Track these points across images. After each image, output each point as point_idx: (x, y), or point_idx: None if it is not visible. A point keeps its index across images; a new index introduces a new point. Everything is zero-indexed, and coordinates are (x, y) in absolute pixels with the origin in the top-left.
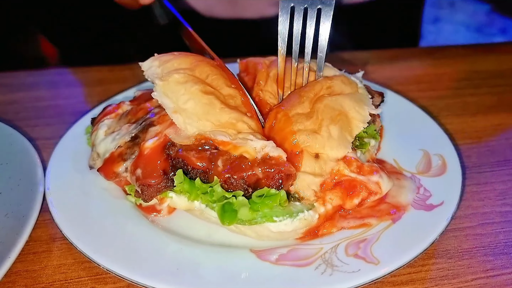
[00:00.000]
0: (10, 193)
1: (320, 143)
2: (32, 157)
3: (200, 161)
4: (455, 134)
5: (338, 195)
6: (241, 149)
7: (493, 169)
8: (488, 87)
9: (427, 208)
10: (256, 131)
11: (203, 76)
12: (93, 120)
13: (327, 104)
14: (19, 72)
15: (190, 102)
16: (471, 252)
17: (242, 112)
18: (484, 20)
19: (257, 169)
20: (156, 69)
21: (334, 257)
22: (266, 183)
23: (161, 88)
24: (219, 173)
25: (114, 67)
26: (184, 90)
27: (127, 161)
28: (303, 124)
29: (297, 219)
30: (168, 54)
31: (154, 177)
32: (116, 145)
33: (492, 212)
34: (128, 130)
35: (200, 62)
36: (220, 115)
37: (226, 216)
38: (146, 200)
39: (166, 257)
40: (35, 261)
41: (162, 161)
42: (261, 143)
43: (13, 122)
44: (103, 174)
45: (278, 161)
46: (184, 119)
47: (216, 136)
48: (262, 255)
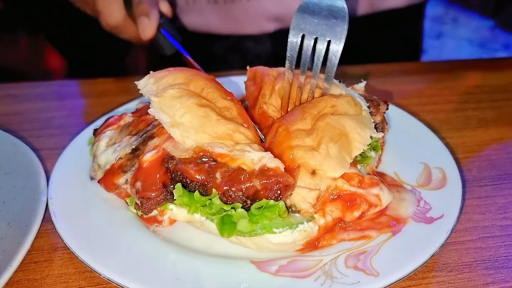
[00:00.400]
0: (13, 202)
1: (317, 160)
2: (35, 167)
3: (199, 174)
4: (456, 147)
5: (338, 207)
6: (238, 161)
7: (494, 183)
8: (489, 101)
9: (427, 221)
10: (253, 141)
11: (198, 89)
12: (95, 131)
13: (329, 122)
14: (25, 83)
15: (187, 116)
16: (472, 265)
17: (238, 123)
18: (488, 35)
19: (255, 181)
20: (152, 86)
21: (333, 268)
22: (265, 194)
23: (157, 104)
24: (218, 186)
25: (118, 79)
26: (180, 104)
27: (127, 173)
28: (302, 140)
29: (296, 230)
30: (164, 71)
31: (154, 190)
32: (117, 157)
33: (492, 226)
34: (129, 142)
35: (195, 76)
36: (216, 127)
37: (225, 228)
38: (146, 213)
39: (166, 268)
40: (36, 270)
41: (162, 174)
42: (259, 155)
43: (18, 132)
44: (103, 185)
45: (276, 172)
46: (182, 132)
47: (214, 148)
48: (262, 266)
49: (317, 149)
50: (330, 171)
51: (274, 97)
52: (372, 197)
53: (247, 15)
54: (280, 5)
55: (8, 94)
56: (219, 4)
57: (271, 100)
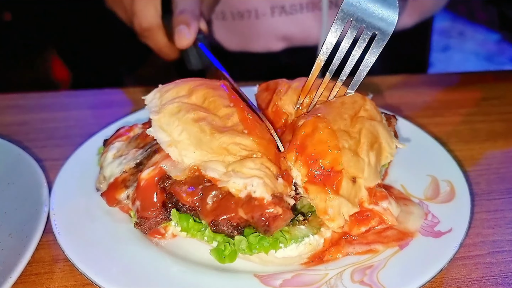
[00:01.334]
0: (15, 213)
1: (361, 167)
2: (38, 177)
3: (190, 198)
4: (464, 160)
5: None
6: (225, 188)
7: (503, 197)
8: (497, 114)
9: (435, 235)
10: (252, 149)
11: (200, 100)
12: (105, 141)
13: (368, 128)
14: (31, 94)
15: (184, 133)
16: (481, 281)
17: (236, 131)
18: (494, 49)
19: (241, 211)
20: (157, 101)
21: (339, 283)
22: (254, 223)
23: (156, 123)
24: (207, 213)
25: (125, 89)
26: (178, 121)
27: (129, 188)
28: (348, 142)
29: (302, 244)
30: (171, 84)
31: (152, 211)
32: (121, 170)
33: (502, 241)
34: (134, 155)
35: (198, 87)
36: (211, 142)
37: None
38: (145, 232)
39: (169, 281)
40: (36, 282)
41: (159, 193)
42: (243, 181)
43: (23, 142)
44: (106, 199)
45: (261, 202)
46: (180, 151)
47: (207, 170)
48: (266, 280)
49: (360, 155)
50: (369, 180)
51: (289, 94)
52: (388, 216)
53: (255, 33)
54: (289, 25)
55: (14, 104)
56: (227, 21)
57: (286, 97)
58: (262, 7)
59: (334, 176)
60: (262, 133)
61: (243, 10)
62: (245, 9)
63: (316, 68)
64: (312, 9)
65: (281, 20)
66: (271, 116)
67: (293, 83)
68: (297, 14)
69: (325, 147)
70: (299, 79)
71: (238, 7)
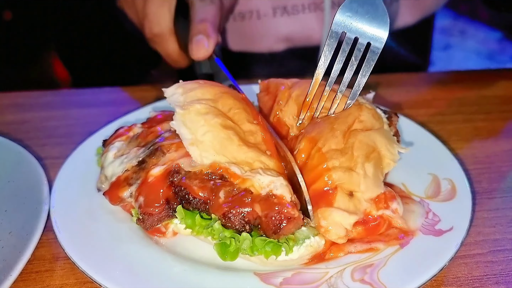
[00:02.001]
0: (15, 211)
1: (355, 181)
2: (38, 176)
3: (202, 191)
4: (465, 159)
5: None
6: (247, 182)
7: (504, 195)
8: (499, 112)
9: (436, 233)
10: (273, 171)
11: (226, 108)
12: (105, 141)
13: (361, 140)
14: (31, 92)
15: (209, 135)
16: (482, 279)
17: (261, 150)
18: (496, 47)
19: (257, 206)
20: (179, 96)
21: (339, 281)
22: (265, 222)
23: (180, 117)
24: (219, 206)
25: (125, 88)
26: (204, 122)
27: (132, 186)
28: (338, 160)
29: (303, 246)
30: (193, 82)
31: (156, 207)
32: (123, 169)
33: (503, 239)
34: (136, 154)
35: (224, 94)
36: (237, 153)
37: (227, 253)
38: (147, 229)
39: (169, 279)
40: (37, 280)
41: (165, 189)
42: (269, 179)
43: (24, 141)
44: (108, 198)
45: (280, 200)
46: (201, 151)
47: (230, 166)
48: (266, 279)
49: (354, 169)
50: (368, 192)
51: (290, 105)
52: (399, 220)
53: (257, 33)
54: (291, 25)
55: (15, 103)
56: (229, 22)
57: (287, 108)
58: (264, 7)
59: (328, 194)
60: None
61: (245, 11)
62: (247, 9)
63: (315, 83)
64: (314, 9)
65: (283, 21)
66: (273, 125)
67: (293, 91)
68: (299, 15)
69: (317, 171)
70: (298, 84)
71: (240, 8)
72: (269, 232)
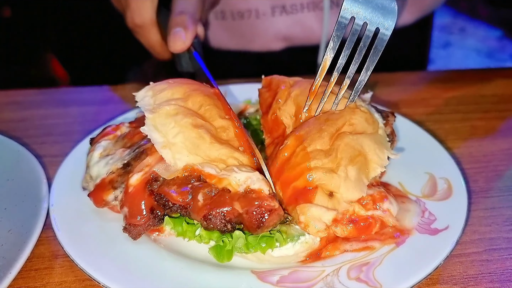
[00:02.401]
0: (15, 209)
1: (335, 182)
2: (37, 174)
3: (180, 196)
4: (462, 158)
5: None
6: (224, 181)
7: (501, 194)
8: (496, 111)
9: (432, 232)
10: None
11: (196, 106)
12: (92, 140)
13: (348, 143)
14: (30, 91)
15: (180, 136)
16: (477, 278)
17: (233, 147)
18: (496, 45)
19: (236, 204)
20: (149, 99)
21: (335, 280)
22: (247, 218)
23: (151, 121)
24: (199, 209)
25: (123, 86)
26: (174, 123)
27: (117, 189)
28: (321, 161)
29: (298, 242)
30: (163, 83)
31: (140, 218)
32: (108, 171)
33: (499, 238)
34: (121, 155)
35: (194, 92)
36: (209, 151)
37: (223, 254)
38: (134, 238)
39: (166, 277)
40: (36, 278)
41: (147, 199)
42: (245, 175)
43: (22, 139)
44: (93, 200)
45: (259, 194)
46: (174, 154)
47: (204, 167)
48: (263, 277)
49: (336, 171)
50: (348, 194)
51: (289, 104)
52: (389, 218)
53: (256, 33)
54: (289, 25)
55: (13, 101)
56: (227, 21)
57: (285, 107)
58: (263, 6)
59: (308, 192)
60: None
61: (243, 10)
62: (246, 8)
63: (323, 69)
64: (313, 8)
65: (281, 20)
66: (270, 123)
67: (292, 91)
68: (298, 14)
69: (299, 168)
70: (299, 84)
71: (239, 6)
72: (253, 227)
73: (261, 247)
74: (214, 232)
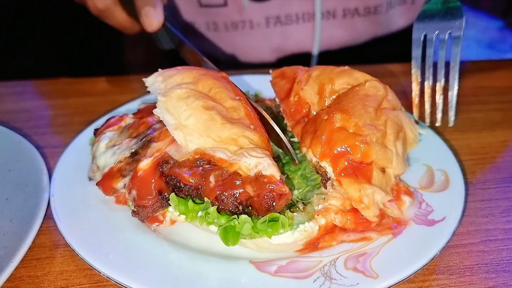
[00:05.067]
0: (16, 199)
1: (389, 157)
2: (38, 164)
3: (192, 177)
4: (460, 149)
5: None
6: (235, 166)
7: (498, 186)
8: (495, 103)
9: (429, 223)
10: (259, 144)
11: (206, 89)
12: (96, 131)
13: (392, 118)
14: (31, 81)
15: (192, 118)
16: (473, 269)
17: (245, 125)
18: (497, 36)
19: (248, 187)
20: (160, 84)
21: (333, 270)
22: (258, 202)
23: (163, 104)
24: (211, 190)
25: (123, 77)
26: (186, 106)
27: (126, 177)
28: (375, 136)
29: (297, 230)
30: (172, 69)
31: (149, 199)
32: (116, 160)
33: (495, 229)
34: (128, 145)
35: (203, 76)
36: (221, 131)
37: (229, 237)
38: (142, 220)
39: (166, 266)
40: (38, 267)
41: (157, 180)
42: (255, 160)
43: (23, 129)
44: (101, 188)
45: (270, 179)
46: (185, 136)
47: (215, 152)
48: (262, 267)
49: (388, 146)
50: (397, 170)
51: (311, 83)
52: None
53: (249, 44)
54: (283, 36)
55: (14, 92)
56: (219, 32)
57: (308, 87)
58: (257, 18)
59: (365, 168)
60: (264, 131)
61: (237, 21)
62: (240, 19)
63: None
64: (308, 19)
65: (276, 31)
66: (292, 106)
67: (312, 72)
68: (292, 25)
69: (353, 142)
70: (316, 67)
71: (233, 17)
72: (263, 210)
73: (267, 232)
74: (219, 216)
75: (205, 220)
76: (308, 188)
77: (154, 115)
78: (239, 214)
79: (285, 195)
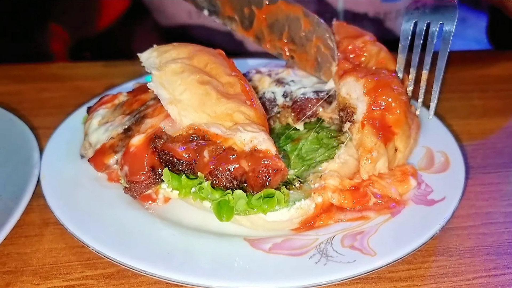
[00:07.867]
0: (6, 176)
1: (405, 143)
2: (29, 141)
3: (186, 152)
4: (461, 135)
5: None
6: (230, 141)
7: (498, 170)
8: (495, 91)
9: (428, 203)
10: (254, 120)
11: (202, 65)
12: (89, 108)
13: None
14: (26, 65)
15: (186, 93)
16: (473, 250)
17: (241, 100)
18: None
19: (243, 162)
20: (155, 59)
21: (329, 247)
22: (253, 177)
23: (157, 79)
24: (205, 165)
25: (118, 62)
26: (181, 81)
27: (118, 153)
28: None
29: (293, 208)
30: (168, 45)
31: (141, 175)
32: (108, 137)
33: (496, 212)
34: (121, 121)
35: (199, 51)
36: (216, 106)
37: (223, 212)
38: (135, 197)
39: (158, 242)
40: (26, 244)
41: (149, 155)
42: (250, 135)
43: (17, 111)
44: (93, 165)
45: (266, 154)
46: (180, 110)
47: (210, 128)
48: (256, 244)
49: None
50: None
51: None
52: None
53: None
54: None
55: (8, 75)
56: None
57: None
58: None
59: (388, 134)
60: (260, 107)
61: None
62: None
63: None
64: None
65: None
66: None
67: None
68: None
69: (398, 104)
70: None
71: None
72: (258, 185)
73: (262, 208)
74: (214, 191)
75: (199, 196)
76: (304, 167)
77: (148, 92)
78: (233, 190)
79: (280, 170)
